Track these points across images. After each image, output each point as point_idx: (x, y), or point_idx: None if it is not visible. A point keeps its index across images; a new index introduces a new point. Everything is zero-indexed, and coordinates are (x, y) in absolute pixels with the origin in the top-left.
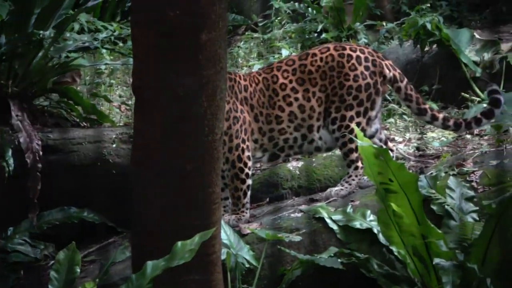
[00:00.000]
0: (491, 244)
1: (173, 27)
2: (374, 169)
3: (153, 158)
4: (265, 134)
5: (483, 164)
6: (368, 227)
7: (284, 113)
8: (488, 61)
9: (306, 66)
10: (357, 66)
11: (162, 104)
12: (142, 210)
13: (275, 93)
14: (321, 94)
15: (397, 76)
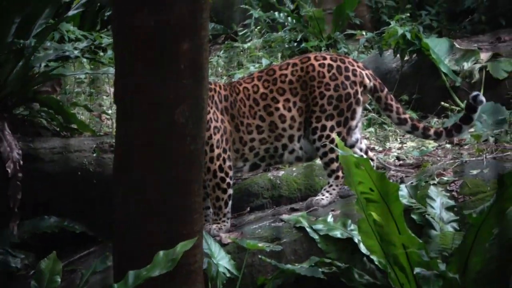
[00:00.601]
0: (471, 253)
1: (155, 36)
2: (354, 179)
3: (135, 167)
4: (246, 143)
5: (463, 174)
6: (349, 236)
7: (265, 123)
8: (467, 70)
9: (287, 76)
10: (338, 76)
11: (144, 113)
12: (124, 219)
13: (255, 103)
14: (302, 104)
15: (378, 86)
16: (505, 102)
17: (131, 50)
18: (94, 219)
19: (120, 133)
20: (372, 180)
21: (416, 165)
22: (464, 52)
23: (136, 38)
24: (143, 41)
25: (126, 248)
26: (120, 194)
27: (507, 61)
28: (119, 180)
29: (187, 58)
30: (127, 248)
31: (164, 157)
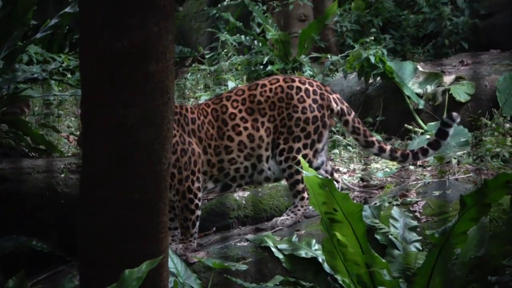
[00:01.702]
0: (434, 273)
1: (121, 58)
2: (319, 199)
3: (101, 187)
4: (215, 165)
5: (426, 195)
6: (313, 256)
7: (234, 143)
8: (431, 93)
9: (255, 96)
10: (306, 98)
11: (110, 134)
12: (89, 239)
13: (224, 123)
14: (270, 125)
15: (345, 110)
16: (467, 125)
17: (97, 72)
18: (62, 238)
19: (87, 154)
20: (336, 200)
21: (379, 186)
22: (428, 75)
23: (101, 60)
24: (109, 64)
25: (92, 268)
26: (85, 214)
27: (470, 84)
28: (84, 200)
29: (153, 80)
30: (93, 268)
31: (129, 177)
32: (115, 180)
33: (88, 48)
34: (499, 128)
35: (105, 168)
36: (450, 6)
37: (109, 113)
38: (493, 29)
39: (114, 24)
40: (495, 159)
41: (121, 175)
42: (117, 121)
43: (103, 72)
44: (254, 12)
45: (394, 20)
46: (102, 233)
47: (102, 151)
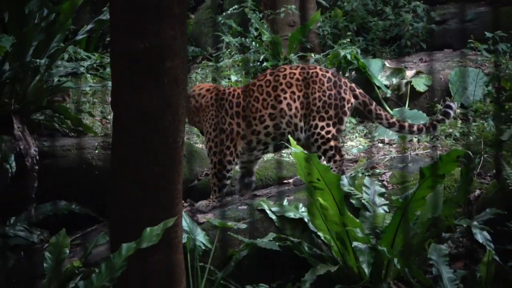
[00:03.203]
0: (398, 231)
1: (143, 56)
2: (305, 171)
3: (127, 162)
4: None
5: (392, 167)
6: (301, 217)
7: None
8: (396, 84)
9: (295, 74)
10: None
11: (135, 119)
12: (119, 204)
13: (268, 95)
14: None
15: (367, 101)
16: (425, 110)
17: (125, 68)
18: (96, 203)
19: (116, 135)
20: (318, 172)
21: (354, 160)
22: (393, 70)
23: (128, 58)
24: (135, 61)
25: (120, 227)
26: (115, 184)
27: (427, 77)
28: (115, 173)
29: (170, 74)
30: (120, 226)
31: (150, 154)
32: (139, 156)
33: (117, 48)
34: None
35: (131, 146)
36: (411, 14)
37: (133, 101)
38: (446, 33)
39: (140, 29)
40: (448, 138)
41: (144, 152)
42: (140, 108)
43: (129, 68)
44: (252, 19)
45: (366, 25)
46: (128, 198)
47: (128, 132)
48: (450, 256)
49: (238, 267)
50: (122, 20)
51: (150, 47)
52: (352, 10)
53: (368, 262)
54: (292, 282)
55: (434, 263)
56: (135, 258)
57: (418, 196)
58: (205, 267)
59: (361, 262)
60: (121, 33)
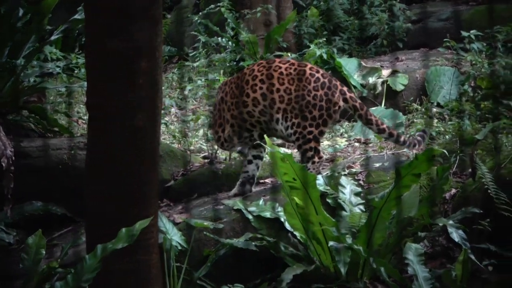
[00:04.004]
0: (374, 230)
1: (118, 57)
2: (281, 170)
3: (103, 161)
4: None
5: (368, 166)
6: (277, 216)
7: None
8: (372, 84)
9: (280, 68)
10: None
11: (110, 118)
12: (94, 204)
13: (246, 83)
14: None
15: (357, 106)
16: (401, 109)
17: (100, 68)
18: (72, 204)
19: (91, 135)
20: (294, 171)
21: (330, 159)
22: (369, 69)
23: (104, 59)
24: (110, 61)
25: (96, 227)
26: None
27: (403, 76)
28: (90, 173)
29: (145, 74)
30: (97, 227)
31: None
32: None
33: (92, 49)
34: (427, 112)
35: (106, 147)
36: (387, 13)
37: (109, 101)
38: (422, 32)
39: (115, 29)
40: None
41: (119, 152)
42: (115, 108)
43: (105, 68)
44: (229, 19)
45: (342, 24)
46: (104, 199)
47: (103, 132)
48: (426, 255)
49: (214, 267)
50: (97, 20)
51: (126, 47)
52: (328, 10)
53: (344, 262)
54: (269, 281)
55: (410, 262)
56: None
57: (393, 195)
58: (181, 267)
59: (337, 262)
60: (96, 33)
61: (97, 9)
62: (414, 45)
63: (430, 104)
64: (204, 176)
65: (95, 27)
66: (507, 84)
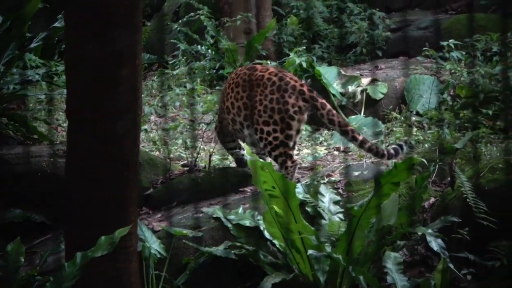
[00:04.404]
0: (353, 239)
1: (98, 64)
2: (260, 179)
3: (82, 170)
4: None
5: (347, 175)
6: (256, 225)
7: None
8: (351, 92)
9: (246, 75)
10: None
11: (89, 126)
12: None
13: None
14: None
15: (318, 105)
16: (381, 118)
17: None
18: (51, 211)
19: (71, 142)
20: (274, 179)
21: (310, 168)
22: (349, 77)
23: (84, 66)
24: (90, 69)
25: (75, 235)
26: (70, 192)
27: (383, 85)
28: (69, 181)
29: (126, 82)
30: (76, 235)
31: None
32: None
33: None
34: (407, 120)
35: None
36: (367, 21)
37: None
38: (402, 40)
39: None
40: None
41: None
42: (95, 115)
43: (84, 76)
44: (208, 27)
45: (322, 32)
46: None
47: (83, 140)
48: (405, 264)
49: (193, 275)
50: (77, 27)
51: (106, 55)
52: (308, 18)
53: (323, 270)
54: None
55: (389, 271)
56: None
57: (372, 204)
58: (160, 275)
59: (316, 270)
60: (76, 40)
61: (77, 16)
62: (394, 54)
63: (409, 113)
64: (183, 184)
65: (75, 34)
66: (486, 93)
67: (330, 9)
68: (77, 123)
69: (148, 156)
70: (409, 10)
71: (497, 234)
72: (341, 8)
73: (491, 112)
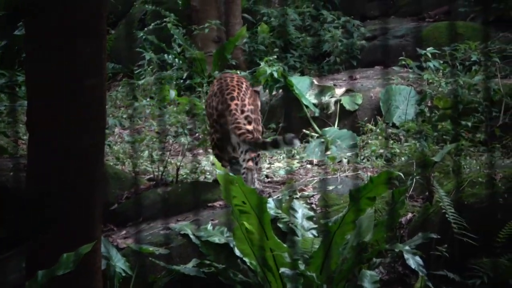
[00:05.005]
0: (327, 256)
1: (60, 74)
2: (230, 194)
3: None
4: None
5: (321, 189)
6: (226, 242)
7: None
8: (325, 103)
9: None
10: None
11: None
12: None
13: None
14: None
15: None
16: (356, 130)
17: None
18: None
19: (31, 155)
20: (244, 194)
21: (282, 182)
22: (322, 88)
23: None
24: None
25: (36, 252)
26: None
27: (358, 95)
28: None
29: (89, 93)
30: (37, 252)
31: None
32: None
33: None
34: (382, 132)
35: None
36: (341, 30)
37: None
38: (377, 49)
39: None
40: (379, 159)
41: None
42: (57, 127)
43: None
44: (175, 35)
45: (294, 41)
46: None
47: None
48: (382, 282)
49: None
50: (37, 36)
51: (68, 65)
52: (279, 26)
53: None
54: None
55: None
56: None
57: (347, 219)
58: None
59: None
60: (37, 49)
61: (38, 24)
62: (369, 63)
63: (385, 125)
64: (150, 199)
65: (35, 43)
66: (465, 104)
67: (303, 16)
68: (38, 136)
69: (112, 170)
70: (385, 18)
71: (477, 251)
72: (314, 15)
73: (471, 123)
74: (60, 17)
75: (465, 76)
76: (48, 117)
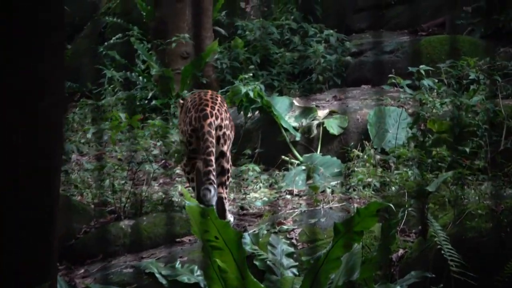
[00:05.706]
0: None
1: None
2: (200, 227)
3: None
4: None
5: (302, 222)
6: (196, 281)
7: None
8: (306, 126)
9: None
10: None
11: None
12: None
13: None
14: None
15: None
16: (340, 156)
17: None
18: None
19: None
20: (217, 228)
21: (258, 214)
22: (303, 109)
23: None
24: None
25: None
26: None
27: (342, 117)
28: None
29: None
30: None
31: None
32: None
33: None
34: (370, 159)
35: None
36: (323, 44)
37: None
38: (364, 66)
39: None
40: (367, 189)
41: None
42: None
43: None
44: (139, 50)
45: (271, 57)
46: None
47: None
48: None
49: None
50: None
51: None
52: (255, 40)
53: None
54: None
55: None
56: None
57: (332, 256)
58: None
59: None
60: None
61: None
62: (355, 82)
63: (373, 150)
64: (110, 234)
65: None
66: (463, 127)
67: (281, 30)
68: None
69: (69, 201)
70: (373, 31)
71: None
72: (293, 29)
73: (469, 149)
74: (9, 27)
75: (463, 96)
76: (3, 141)
